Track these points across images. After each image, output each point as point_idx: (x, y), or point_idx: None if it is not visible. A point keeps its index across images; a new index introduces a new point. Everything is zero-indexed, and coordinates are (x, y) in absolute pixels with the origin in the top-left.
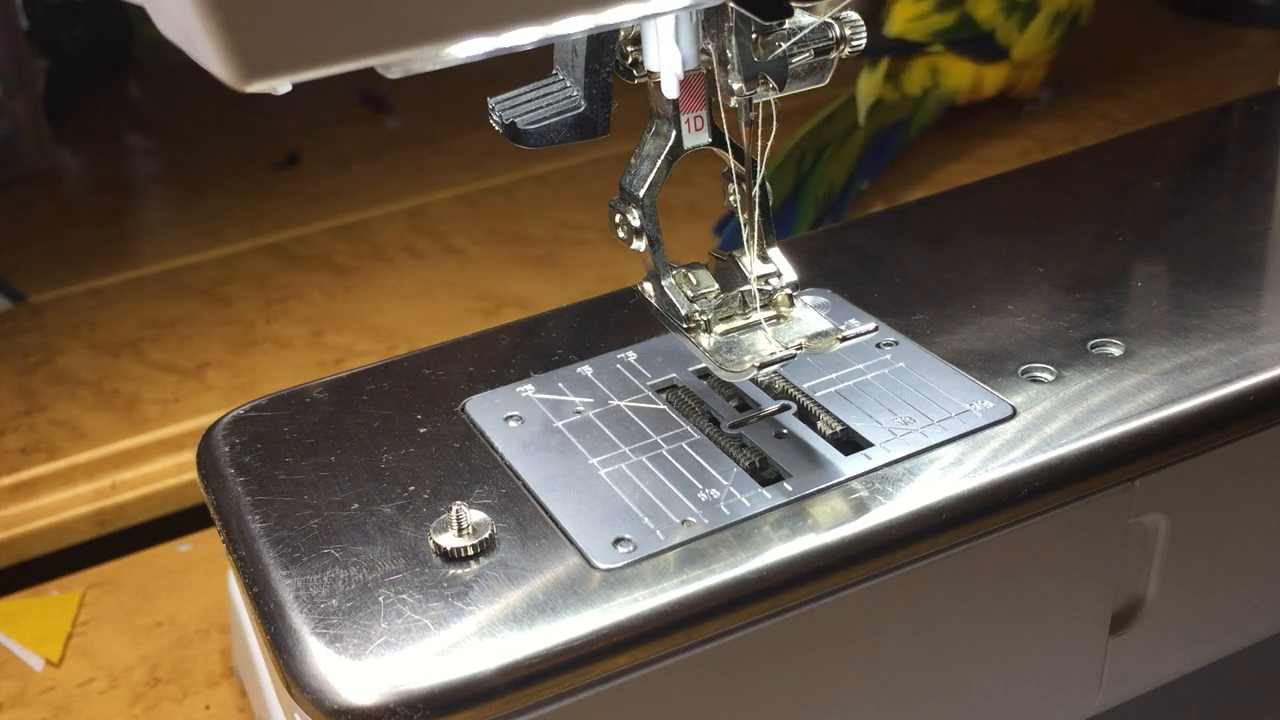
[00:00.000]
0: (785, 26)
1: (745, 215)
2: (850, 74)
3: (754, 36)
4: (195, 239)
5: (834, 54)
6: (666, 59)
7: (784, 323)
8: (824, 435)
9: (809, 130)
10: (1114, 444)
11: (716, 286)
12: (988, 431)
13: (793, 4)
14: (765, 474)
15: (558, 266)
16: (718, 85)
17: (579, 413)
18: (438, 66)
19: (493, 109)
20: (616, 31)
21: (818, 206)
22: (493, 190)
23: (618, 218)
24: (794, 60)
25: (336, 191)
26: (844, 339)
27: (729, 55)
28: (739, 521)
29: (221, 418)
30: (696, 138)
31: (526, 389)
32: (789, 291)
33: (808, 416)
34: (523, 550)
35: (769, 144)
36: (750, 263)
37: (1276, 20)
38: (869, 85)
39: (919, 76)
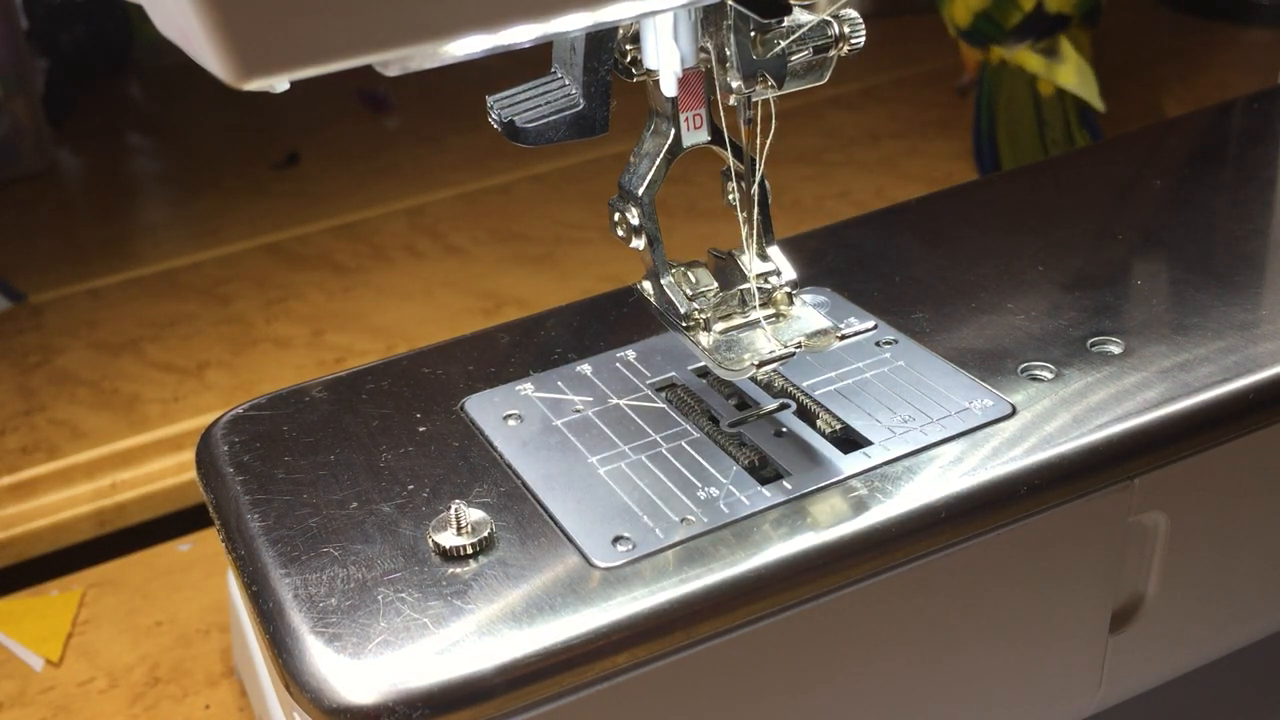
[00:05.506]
0: (784, 24)
1: (744, 214)
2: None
3: (753, 34)
4: (195, 239)
5: (833, 52)
6: (665, 57)
7: (783, 321)
8: (823, 434)
9: (1043, 101)
10: (1113, 442)
11: (716, 285)
12: (987, 430)
13: (791, 2)
14: (764, 472)
15: (557, 266)
16: (716, 83)
17: (578, 411)
18: (436, 64)
19: (491, 107)
20: (615, 29)
21: None
22: (492, 190)
23: (617, 216)
24: (793, 58)
25: (336, 191)
26: (843, 337)
27: (728, 53)
28: (738, 520)
29: (220, 417)
30: (695, 136)
31: (526, 388)
32: (788, 290)
33: (807, 415)
34: (522, 549)
35: (768, 142)
36: (749, 261)
37: (1276, 20)
38: (1067, 70)
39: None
